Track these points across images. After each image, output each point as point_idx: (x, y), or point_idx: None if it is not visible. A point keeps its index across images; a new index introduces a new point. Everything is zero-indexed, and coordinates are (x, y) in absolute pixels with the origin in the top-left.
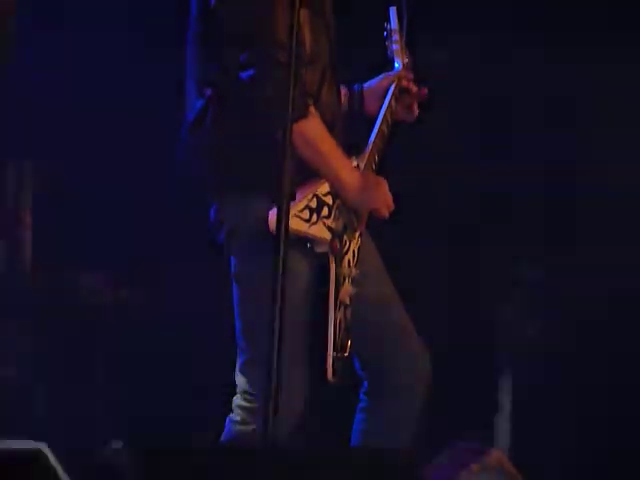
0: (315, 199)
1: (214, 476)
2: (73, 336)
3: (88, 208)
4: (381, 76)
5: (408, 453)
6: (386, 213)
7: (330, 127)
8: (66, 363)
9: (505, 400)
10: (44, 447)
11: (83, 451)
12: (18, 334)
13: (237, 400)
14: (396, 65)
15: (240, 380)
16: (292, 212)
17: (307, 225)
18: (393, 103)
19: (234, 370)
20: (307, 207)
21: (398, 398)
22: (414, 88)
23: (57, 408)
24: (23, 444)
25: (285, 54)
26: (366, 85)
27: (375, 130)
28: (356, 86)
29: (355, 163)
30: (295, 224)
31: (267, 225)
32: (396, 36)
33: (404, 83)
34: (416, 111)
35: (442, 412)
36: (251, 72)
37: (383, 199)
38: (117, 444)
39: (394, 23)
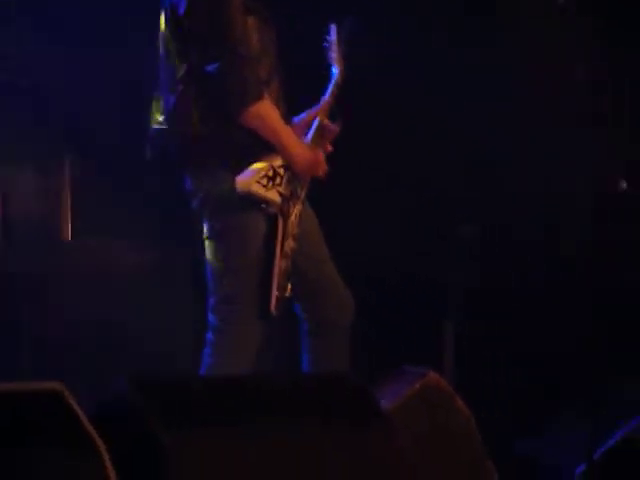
0: (271, 170)
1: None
2: None
3: None
4: (304, 114)
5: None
6: (323, 175)
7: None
8: None
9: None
10: (60, 385)
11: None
12: None
13: (209, 336)
14: (334, 70)
15: (211, 317)
16: (254, 179)
17: (265, 190)
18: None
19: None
20: (265, 176)
21: (329, 334)
22: (331, 127)
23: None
24: (39, 384)
25: (243, 48)
26: (294, 119)
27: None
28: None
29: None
30: (257, 188)
31: (234, 190)
32: (334, 47)
33: (324, 122)
34: (329, 148)
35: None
36: (216, 65)
37: (321, 166)
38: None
39: (333, 36)
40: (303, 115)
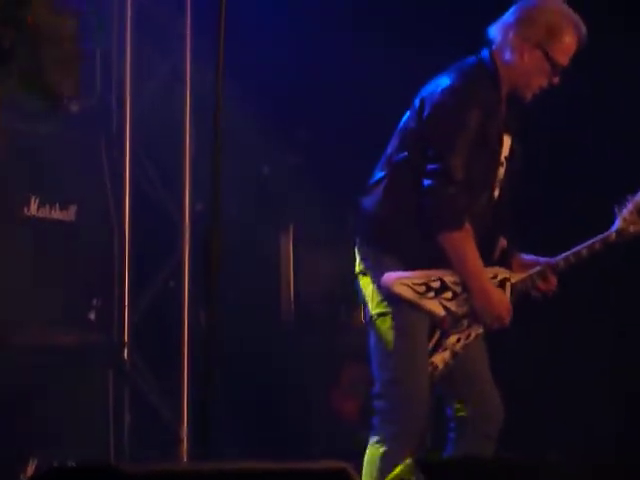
0: (439, 282)
1: None
2: None
3: None
4: (535, 258)
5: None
6: (495, 327)
7: (478, 238)
8: None
9: None
10: (347, 466)
11: None
12: None
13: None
14: (615, 223)
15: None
16: (403, 281)
17: (418, 296)
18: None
19: None
20: (425, 284)
21: (469, 438)
22: (550, 286)
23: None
24: (326, 464)
25: (460, 176)
26: (523, 255)
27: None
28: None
29: (494, 273)
30: (401, 290)
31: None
32: (631, 207)
33: (542, 284)
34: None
35: None
36: (431, 182)
37: (498, 317)
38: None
39: (630, 205)
40: (537, 258)
